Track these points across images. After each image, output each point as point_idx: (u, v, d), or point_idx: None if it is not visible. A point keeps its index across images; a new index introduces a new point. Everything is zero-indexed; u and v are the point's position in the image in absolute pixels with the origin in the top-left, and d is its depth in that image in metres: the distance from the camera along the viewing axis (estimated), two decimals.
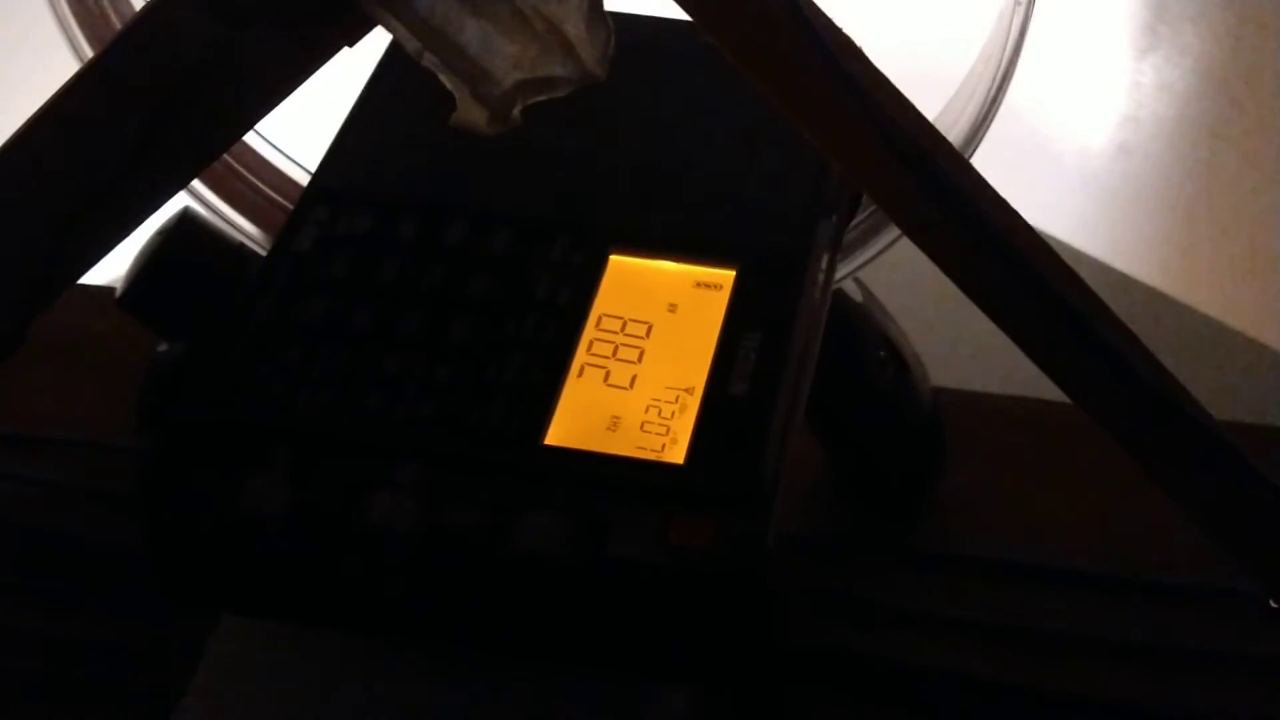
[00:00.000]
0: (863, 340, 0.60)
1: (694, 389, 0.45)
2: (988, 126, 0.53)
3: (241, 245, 0.62)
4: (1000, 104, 0.52)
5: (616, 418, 0.45)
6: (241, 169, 0.63)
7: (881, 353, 0.61)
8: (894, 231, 0.57)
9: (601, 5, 0.36)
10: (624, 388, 0.45)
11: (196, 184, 0.62)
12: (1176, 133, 0.96)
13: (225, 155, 0.63)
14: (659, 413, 0.45)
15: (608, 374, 0.46)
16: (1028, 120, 0.51)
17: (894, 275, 0.63)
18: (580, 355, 0.46)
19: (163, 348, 0.65)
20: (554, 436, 0.44)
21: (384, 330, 0.46)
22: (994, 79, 0.52)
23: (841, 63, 0.39)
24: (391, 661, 0.46)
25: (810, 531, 0.61)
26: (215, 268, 0.61)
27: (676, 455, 0.43)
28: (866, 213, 0.58)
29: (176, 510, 0.43)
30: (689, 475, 0.43)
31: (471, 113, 0.37)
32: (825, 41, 0.39)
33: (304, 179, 0.62)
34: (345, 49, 0.43)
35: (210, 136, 0.45)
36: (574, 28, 0.36)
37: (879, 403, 0.61)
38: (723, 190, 0.51)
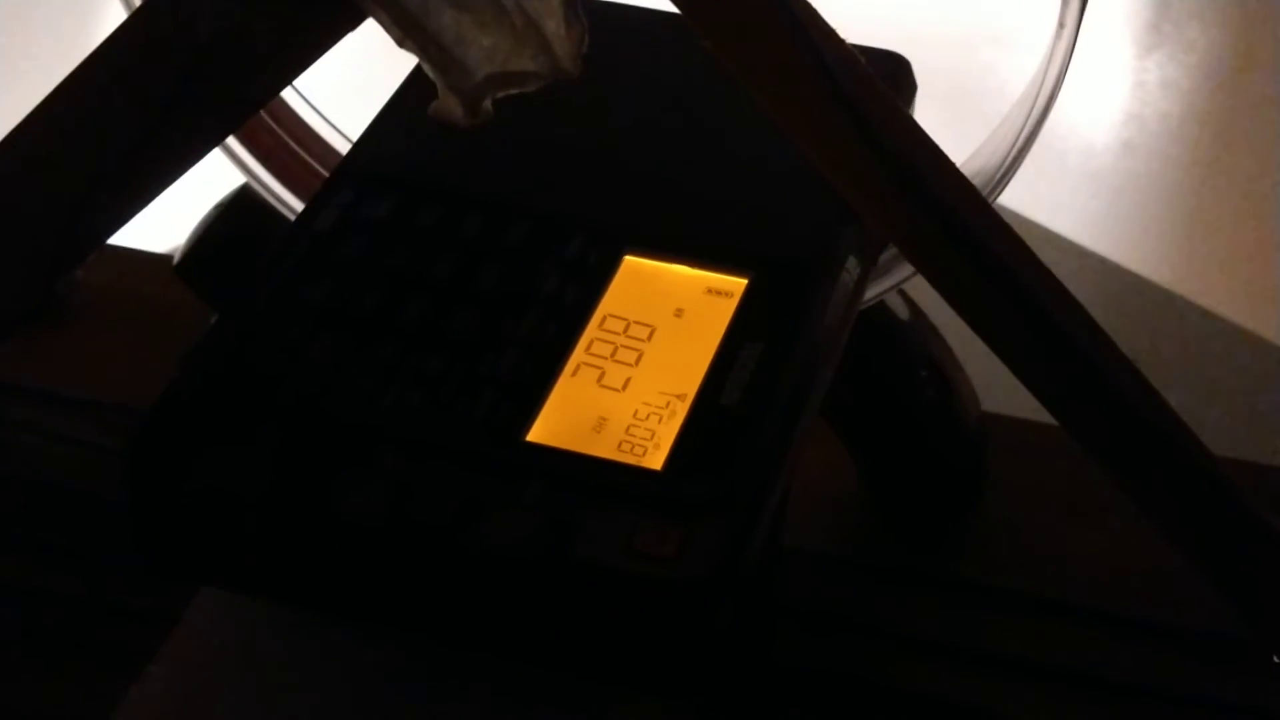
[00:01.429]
0: (903, 358, 0.59)
1: (686, 396, 0.45)
2: (1027, 151, 0.52)
3: None
4: (1041, 129, 0.51)
5: (603, 419, 0.44)
6: (305, 155, 0.64)
7: (923, 372, 0.60)
8: None
9: (577, 2, 0.36)
10: (616, 389, 0.45)
11: (256, 167, 0.62)
12: (1181, 130, 0.95)
13: (287, 139, 0.63)
14: (647, 417, 0.44)
15: (602, 374, 0.45)
16: None
17: None
18: (578, 354, 0.46)
19: (216, 319, 0.66)
20: (536, 433, 0.44)
21: (385, 316, 0.46)
22: (1033, 104, 0.51)
23: (835, 73, 0.38)
24: (366, 650, 0.46)
25: (835, 550, 0.60)
26: (267, 243, 0.62)
27: (655, 461, 0.43)
28: None
29: (158, 479, 0.43)
30: (664, 482, 0.42)
31: (449, 103, 0.37)
32: (818, 48, 0.38)
33: None
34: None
35: (225, 110, 0.46)
36: (553, 23, 0.36)
37: (915, 425, 0.60)
38: (749, 196, 0.50)
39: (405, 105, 0.54)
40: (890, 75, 0.55)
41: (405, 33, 0.37)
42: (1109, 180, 0.96)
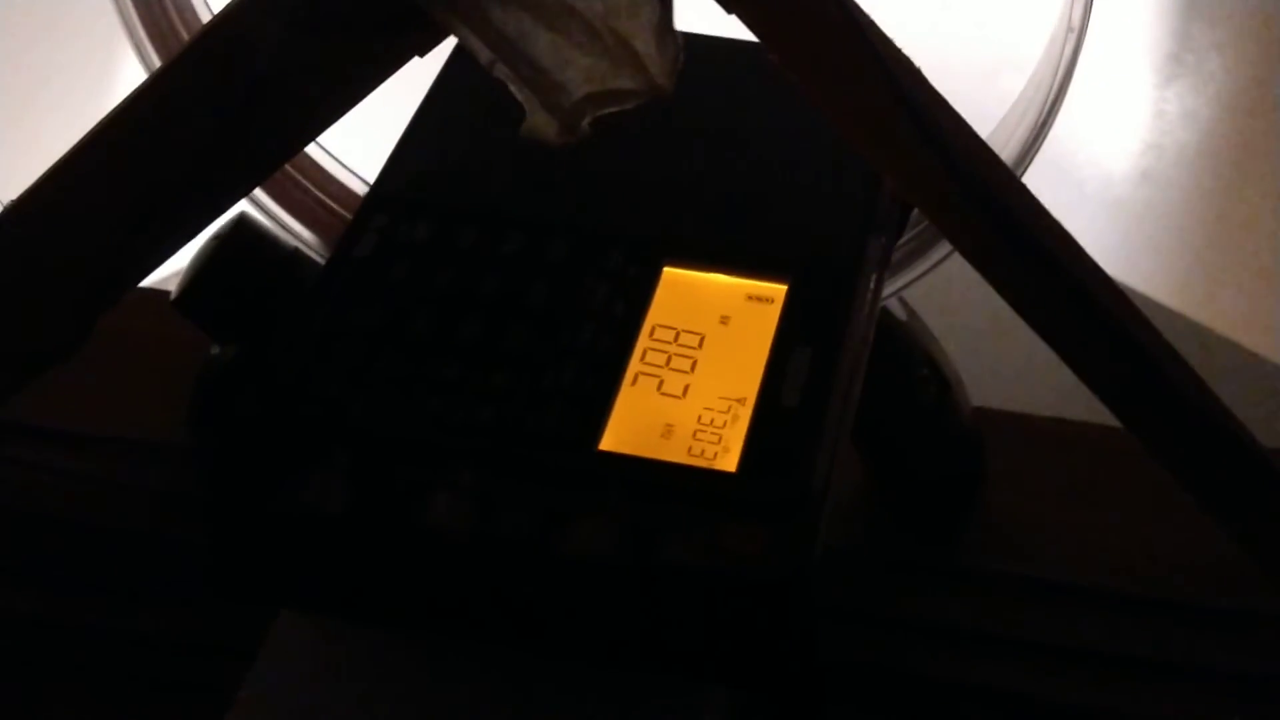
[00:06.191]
0: (906, 358, 0.61)
1: (746, 399, 0.46)
2: (1036, 150, 0.54)
3: (297, 250, 0.63)
4: (1049, 129, 0.53)
5: (670, 425, 0.45)
6: (301, 178, 0.64)
7: (924, 371, 0.62)
8: (939, 252, 0.58)
9: (671, 21, 0.37)
10: (677, 396, 0.46)
11: (256, 190, 0.63)
12: (1199, 160, 0.98)
13: (286, 165, 0.64)
14: (711, 422, 0.46)
15: (661, 383, 0.47)
16: (1050, 147, 0.52)
17: (937, 295, 0.64)
18: (634, 364, 0.47)
19: (215, 350, 0.66)
20: (608, 442, 0.45)
21: (442, 335, 0.47)
22: (1044, 104, 0.53)
23: (900, 82, 0.40)
24: (444, 661, 0.47)
25: (847, 544, 0.62)
26: (269, 272, 0.62)
27: (729, 464, 0.44)
28: (913, 232, 0.58)
29: (238, 505, 0.44)
30: (741, 483, 0.44)
31: (541, 123, 0.38)
32: (883, 60, 0.40)
33: (362, 190, 0.63)
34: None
35: (278, 143, 0.46)
36: (643, 44, 0.37)
37: (920, 420, 0.62)
38: (776, 205, 0.52)
39: (426, 129, 0.54)
40: None
41: (497, 55, 0.38)
42: (1128, 209, 0.98)
